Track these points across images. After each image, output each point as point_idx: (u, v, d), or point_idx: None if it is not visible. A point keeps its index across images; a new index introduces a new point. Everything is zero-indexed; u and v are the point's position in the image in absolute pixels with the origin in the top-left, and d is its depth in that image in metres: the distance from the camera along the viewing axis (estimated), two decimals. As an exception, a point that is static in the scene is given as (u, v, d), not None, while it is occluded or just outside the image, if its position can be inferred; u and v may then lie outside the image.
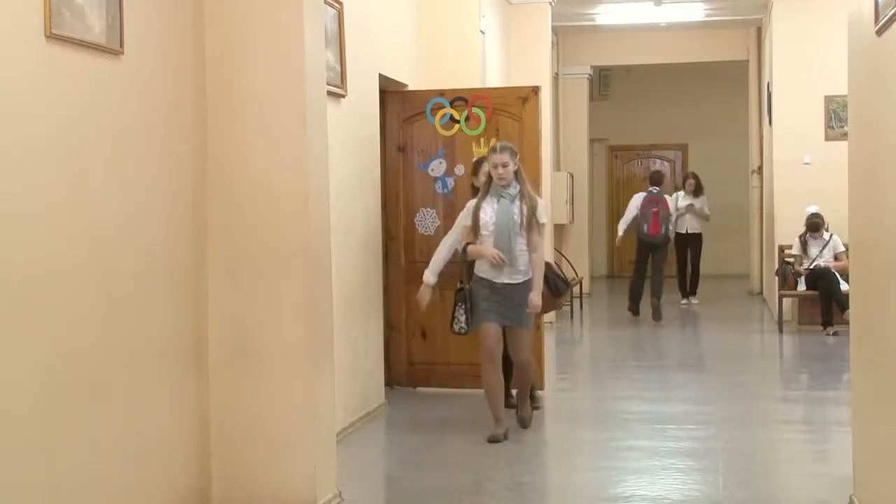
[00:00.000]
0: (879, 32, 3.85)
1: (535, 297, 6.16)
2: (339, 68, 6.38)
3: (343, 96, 6.41)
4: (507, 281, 6.10)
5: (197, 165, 4.51)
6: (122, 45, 3.88)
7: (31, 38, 3.41)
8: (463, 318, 6.21)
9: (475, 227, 6.15)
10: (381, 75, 7.30)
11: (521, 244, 6.09)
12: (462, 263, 6.29)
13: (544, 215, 6.24)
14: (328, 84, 5.30)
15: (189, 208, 4.46)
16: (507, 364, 6.39)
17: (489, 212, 6.12)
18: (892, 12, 3.61)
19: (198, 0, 4.51)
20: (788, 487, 5.47)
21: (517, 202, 6.10)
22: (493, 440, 6.07)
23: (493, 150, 6.27)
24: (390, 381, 7.59)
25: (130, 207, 4.00)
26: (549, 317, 10.50)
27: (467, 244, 6.21)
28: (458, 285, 6.29)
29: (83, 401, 3.67)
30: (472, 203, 6.29)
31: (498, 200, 6.12)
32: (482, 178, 6.42)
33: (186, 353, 4.43)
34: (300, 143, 4.54)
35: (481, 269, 6.15)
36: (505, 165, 6.13)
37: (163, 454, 4.24)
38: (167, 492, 4.28)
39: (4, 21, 3.29)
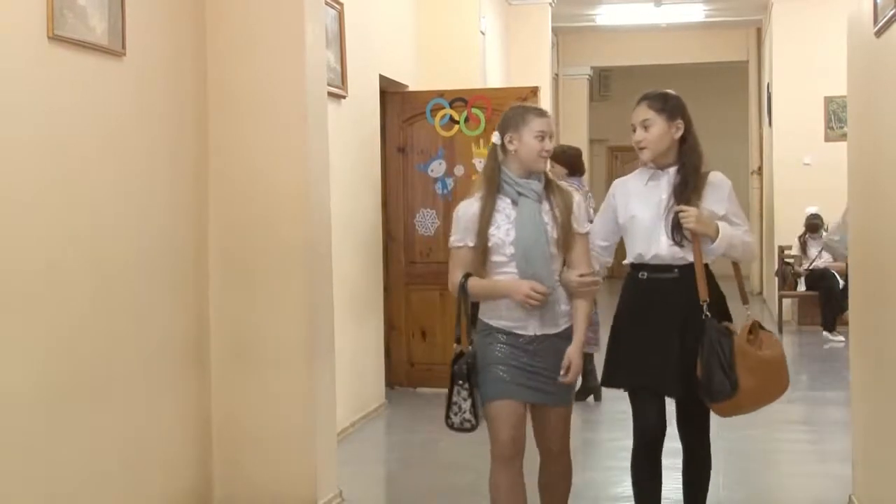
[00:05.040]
0: (879, 33, 3.85)
1: (577, 356, 3.73)
2: (339, 69, 6.39)
3: (343, 97, 6.41)
4: (540, 332, 3.67)
5: (198, 166, 4.52)
6: (124, 47, 3.88)
7: (34, 40, 3.41)
8: (467, 406, 3.68)
9: (482, 249, 3.66)
10: (381, 76, 7.31)
11: (556, 270, 3.70)
12: (464, 306, 3.69)
13: (584, 220, 3.77)
14: (328, 85, 5.30)
15: (190, 208, 4.46)
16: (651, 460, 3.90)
17: (503, 223, 3.66)
18: (891, 13, 3.62)
19: (199, 2, 4.52)
20: (788, 487, 5.47)
21: (545, 203, 3.70)
22: None
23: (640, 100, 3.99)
24: (390, 381, 7.60)
25: (132, 208, 4.01)
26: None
27: (467, 276, 3.67)
28: (455, 348, 3.71)
29: (83, 401, 3.68)
30: (468, 204, 3.73)
31: (515, 203, 3.68)
32: (516, 149, 3.67)
33: (187, 352, 4.44)
34: (300, 144, 4.55)
35: (495, 315, 3.68)
36: (647, 126, 3.91)
37: (163, 454, 4.24)
38: (167, 492, 4.28)
39: (7, 22, 3.29)
